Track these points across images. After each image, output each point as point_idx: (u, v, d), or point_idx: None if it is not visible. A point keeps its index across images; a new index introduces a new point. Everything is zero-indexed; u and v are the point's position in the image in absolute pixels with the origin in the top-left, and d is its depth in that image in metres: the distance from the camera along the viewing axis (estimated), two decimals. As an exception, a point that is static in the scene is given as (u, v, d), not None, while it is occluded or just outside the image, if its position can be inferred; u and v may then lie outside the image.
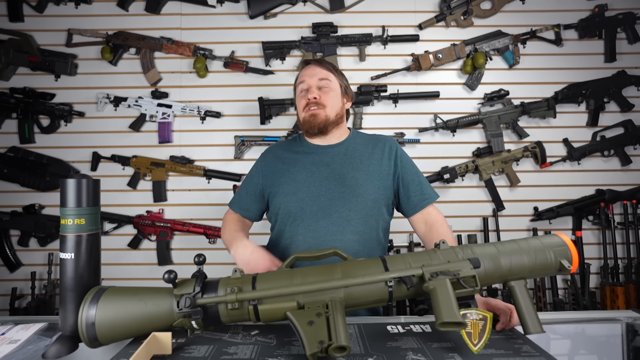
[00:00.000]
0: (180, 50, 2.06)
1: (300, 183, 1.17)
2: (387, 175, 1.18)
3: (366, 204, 1.13)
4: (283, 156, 1.25)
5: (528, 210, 2.07)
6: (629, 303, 1.90)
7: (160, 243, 2.02)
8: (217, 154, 2.08)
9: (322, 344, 0.63)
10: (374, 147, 1.22)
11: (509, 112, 2.03)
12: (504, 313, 0.83)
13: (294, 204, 1.16)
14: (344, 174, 1.16)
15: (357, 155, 1.20)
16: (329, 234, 1.11)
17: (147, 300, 0.73)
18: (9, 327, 0.87)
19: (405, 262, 0.77)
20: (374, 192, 1.15)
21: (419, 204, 1.18)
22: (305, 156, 1.22)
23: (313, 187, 1.15)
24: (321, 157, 1.21)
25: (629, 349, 0.93)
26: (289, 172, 1.20)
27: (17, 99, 2.03)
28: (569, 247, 0.79)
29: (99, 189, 0.80)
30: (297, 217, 1.15)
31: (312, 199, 1.14)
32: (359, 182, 1.14)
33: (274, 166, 1.24)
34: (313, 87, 1.20)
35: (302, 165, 1.20)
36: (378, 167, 1.18)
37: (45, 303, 1.93)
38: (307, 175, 1.18)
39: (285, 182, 1.19)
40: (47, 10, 2.08)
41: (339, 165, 1.18)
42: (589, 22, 2.05)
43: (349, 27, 2.09)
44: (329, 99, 1.20)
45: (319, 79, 1.21)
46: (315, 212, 1.13)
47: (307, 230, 1.13)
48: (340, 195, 1.13)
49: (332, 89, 1.21)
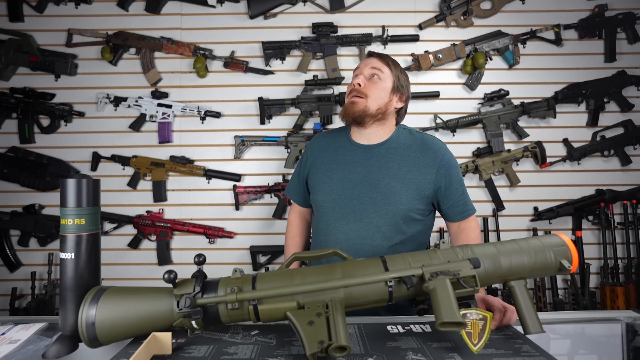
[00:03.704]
0: (180, 50, 2.06)
1: (335, 184, 1.16)
2: (428, 184, 1.13)
3: (397, 213, 1.10)
4: (328, 147, 1.24)
5: (528, 210, 2.07)
6: (629, 303, 1.90)
7: (160, 243, 2.02)
8: (217, 154, 2.08)
9: (322, 344, 0.63)
10: (421, 153, 1.16)
11: (509, 112, 2.03)
12: (498, 311, 0.83)
13: (328, 204, 1.16)
14: (379, 179, 1.12)
15: (397, 159, 1.15)
16: (359, 237, 1.10)
17: (147, 301, 0.73)
18: (9, 327, 0.87)
19: (405, 262, 0.77)
20: (408, 202, 1.11)
21: (459, 215, 1.17)
22: (345, 154, 1.20)
23: (347, 190, 1.14)
24: (359, 157, 1.17)
25: (629, 349, 0.93)
26: (327, 169, 1.20)
27: (17, 99, 2.03)
28: (569, 247, 0.79)
29: (99, 189, 0.80)
30: (330, 218, 1.15)
31: (344, 201, 1.13)
32: (393, 190, 1.11)
33: (317, 157, 1.24)
34: (362, 75, 1.17)
35: (339, 163, 1.18)
36: (417, 175, 1.13)
37: (45, 303, 1.93)
38: (343, 175, 1.16)
39: (322, 180, 1.19)
40: (47, 10, 2.08)
41: (375, 168, 1.14)
42: (589, 22, 2.05)
43: (349, 27, 2.09)
44: (373, 90, 1.15)
45: (372, 67, 1.17)
46: (346, 214, 1.13)
47: (340, 232, 1.13)
48: (372, 201, 1.11)
49: (381, 80, 1.16)
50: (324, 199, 1.17)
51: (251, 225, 2.07)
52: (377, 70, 1.17)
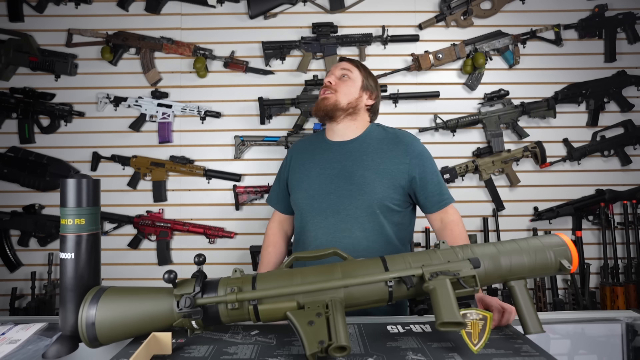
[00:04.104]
0: (180, 50, 2.06)
1: (313, 180, 1.20)
2: (401, 174, 1.16)
3: (373, 202, 1.13)
4: (306, 150, 1.29)
5: (528, 210, 2.07)
6: (629, 303, 1.90)
7: (160, 243, 2.02)
8: (217, 154, 2.08)
9: (322, 344, 0.63)
10: (393, 145, 1.20)
11: (509, 112, 2.03)
12: (496, 311, 0.83)
13: (306, 201, 1.19)
14: (353, 171, 1.16)
15: (370, 152, 1.19)
16: (337, 230, 1.13)
17: (147, 301, 0.73)
18: (9, 327, 0.87)
19: (405, 262, 0.77)
20: (382, 191, 1.14)
21: (437, 205, 1.18)
22: (321, 152, 1.24)
23: (324, 185, 1.17)
24: (335, 153, 1.22)
25: (629, 349, 0.93)
26: (305, 169, 1.23)
27: (17, 99, 2.03)
28: (569, 247, 0.79)
29: (99, 189, 0.80)
30: (309, 214, 1.18)
31: (322, 196, 1.17)
32: (367, 180, 1.14)
33: (295, 160, 1.28)
34: (333, 75, 1.25)
35: (317, 161, 1.23)
36: (390, 165, 1.16)
37: (45, 303, 1.93)
38: (320, 172, 1.20)
39: (301, 178, 1.23)
40: (47, 10, 2.08)
41: (350, 162, 1.18)
42: (589, 22, 2.05)
43: (349, 27, 2.09)
44: (343, 86, 1.23)
45: (342, 68, 1.25)
46: (324, 209, 1.15)
47: (318, 227, 1.16)
48: (348, 194, 1.14)
49: (351, 79, 1.24)
50: (303, 196, 1.21)
51: (251, 225, 2.07)
52: (347, 71, 1.25)
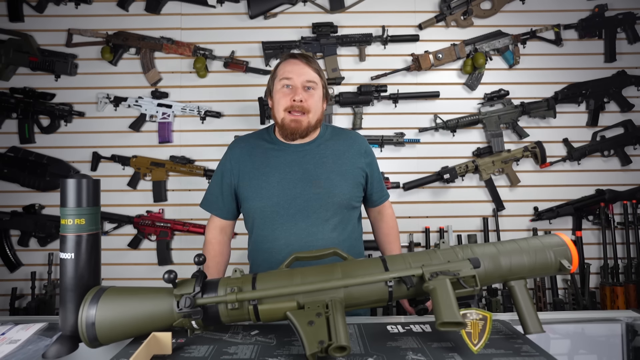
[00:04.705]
0: (180, 50, 2.06)
1: (273, 186, 1.14)
2: (360, 173, 1.20)
3: (342, 204, 1.15)
4: (253, 153, 1.20)
5: (528, 210, 2.07)
6: (629, 303, 1.90)
7: (160, 243, 2.02)
8: (217, 154, 2.06)
9: (322, 344, 0.63)
10: (348, 145, 1.21)
11: (509, 112, 2.03)
12: None
13: (270, 209, 1.14)
14: (318, 175, 1.14)
15: (329, 153, 1.18)
16: (310, 234, 1.12)
17: (147, 301, 0.73)
18: (9, 327, 0.87)
19: (405, 262, 0.77)
20: (349, 191, 1.16)
21: (379, 200, 1.28)
22: (277, 155, 1.18)
23: (288, 190, 1.13)
24: (293, 156, 1.17)
25: (629, 349, 0.93)
26: (261, 174, 1.16)
27: (17, 99, 2.03)
28: (569, 247, 0.79)
29: (99, 189, 0.80)
30: (275, 222, 1.13)
31: (288, 202, 1.13)
32: (333, 182, 1.14)
33: (244, 165, 1.18)
34: (300, 89, 1.13)
35: (274, 165, 1.16)
36: (351, 166, 1.19)
37: (45, 303, 1.93)
38: (281, 177, 1.14)
39: (258, 185, 1.15)
40: (47, 10, 2.08)
41: (312, 165, 1.16)
42: (589, 22, 2.05)
43: (349, 27, 2.09)
44: (312, 104, 1.14)
45: (307, 80, 1.15)
46: (292, 214, 1.12)
47: (288, 233, 1.12)
48: (317, 197, 1.13)
49: (315, 90, 1.16)
50: (265, 204, 1.14)
51: (251, 225, 2.07)
52: (312, 83, 1.15)
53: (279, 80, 1.16)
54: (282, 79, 1.15)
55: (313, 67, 1.17)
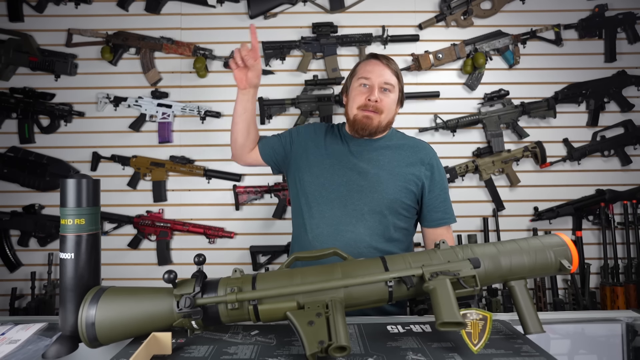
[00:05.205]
0: (180, 50, 2.06)
1: (325, 169, 1.18)
2: (413, 179, 1.16)
3: (383, 202, 1.13)
4: (320, 135, 1.27)
5: (528, 210, 2.07)
6: (629, 303, 1.90)
7: (160, 243, 2.02)
8: (217, 154, 2.08)
9: (322, 344, 0.63)
10: (411, 152, 1.21)
11: (509, 112, 2.03)
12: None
13: (315, 187, 1.17)
14: (368, 169, 1.16)
15: (388, 153, 1.20)
16: (341, 224, 1.12)
17: (147, 301, 0.73)
18: (9, 327, 0.87)
19: (405, 262, 0.77)
20: (394, 192, 1.14)
21: (438, 221, 1.19)
22: (338, 143, 1.23)
23: (336, 176, 1.16)
24: (352, 148, 1.21)
25: (629, 349, 0.93)
26: (319, 153, 1.22)
27: (17, 99, 2.03)
28: (569, 247, 0.79)
29: (99, 189, 0.80)
30: (315, 201, 1.16)
31: (332, 186, 1.15)
32: (380, 179, 1.14)
33: (310, 141, 1.25)
34: (376, 89, 1.17)
35: (332, 150, 1.21)
36: (405, 170, 1.17)
37: (45, 303, 1.93)
38: (334, 162, 1.19)
39: (313, 162, 1.21)
40: (47, 10, 2.08)
41: (365, 160, 1.18)
42: (589, 22, 2.05)
43: (349, 27, 2.08)
44: (387, 105, 1.18)
45: (385, 82, 1.18)
46: (332, 199, 1.14)
47: (322, 216, 1.14)
48: (359, 188, 1.14)
49: (392, 93, 1.19)
50: (312, 181, 1.18)
51: (251, 225, 2.07)
52: (390, 86, 1.18)
53: (357, 78, 1.21)
54: (360, 78, 1.20)
55: (392, 69, 1.20)
